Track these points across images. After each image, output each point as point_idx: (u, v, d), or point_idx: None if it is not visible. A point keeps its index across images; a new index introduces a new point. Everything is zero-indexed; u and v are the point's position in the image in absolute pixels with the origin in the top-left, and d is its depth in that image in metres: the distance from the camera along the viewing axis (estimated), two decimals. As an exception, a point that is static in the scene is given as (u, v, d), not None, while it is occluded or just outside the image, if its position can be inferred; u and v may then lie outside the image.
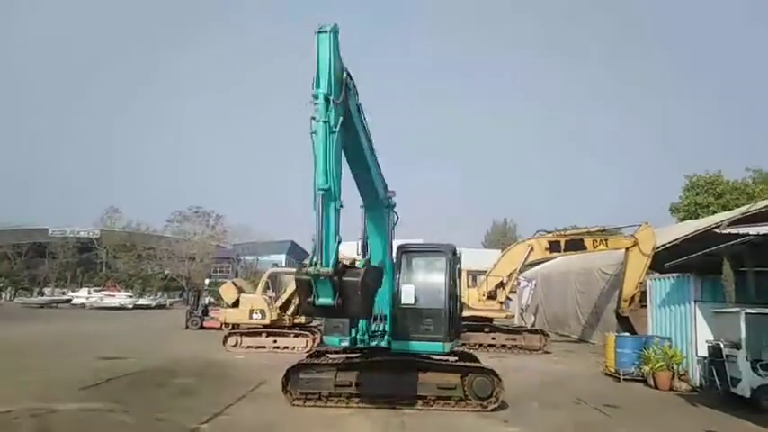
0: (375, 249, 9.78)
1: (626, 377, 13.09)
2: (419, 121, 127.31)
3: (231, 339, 18.37)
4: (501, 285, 19.44)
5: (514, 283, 20.95)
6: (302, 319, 19.10)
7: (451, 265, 9.78)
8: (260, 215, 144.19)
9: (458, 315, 10.30)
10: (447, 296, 9.56)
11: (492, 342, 19.18)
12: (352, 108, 7.76)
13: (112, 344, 18.97)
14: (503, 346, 19.04)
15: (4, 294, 60.27)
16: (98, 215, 70.04)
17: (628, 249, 19.03)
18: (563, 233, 20.66)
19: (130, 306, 47.37)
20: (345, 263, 7.36)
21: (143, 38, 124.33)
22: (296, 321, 19.23)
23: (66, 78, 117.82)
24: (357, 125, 8.06)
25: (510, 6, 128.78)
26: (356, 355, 10.01)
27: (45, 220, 67.28)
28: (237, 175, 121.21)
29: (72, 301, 49.55)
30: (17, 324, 26.84)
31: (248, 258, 66.89)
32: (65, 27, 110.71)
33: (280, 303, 19.14)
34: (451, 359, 10.07)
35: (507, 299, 20.39)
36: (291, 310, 19.06)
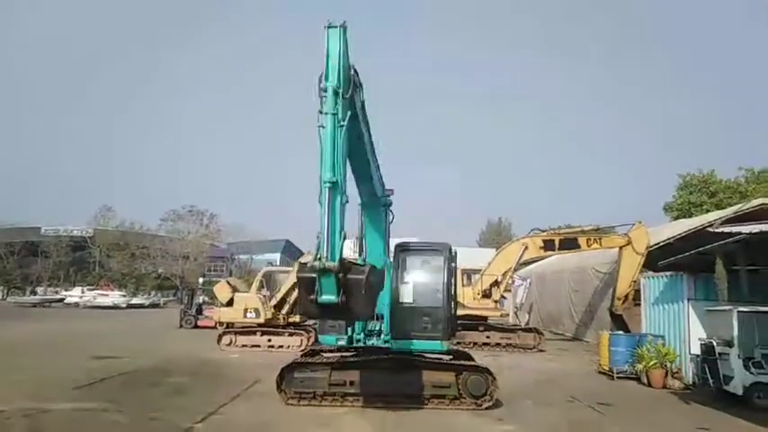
0: (372, 248, 9.76)
1: (620, 375, 13.15)
2: (419, 121, 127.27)
3: (225, 338, 18.33)
4: (495, 284, 19.52)
5: (509, 282, 21.03)
6: (297, 318, 19.08)
7: (449, 263, 9.77)
8: (254, 214, 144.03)
9: (454, 314, 10.30)
10: (445, 295, 9.56)
11: (486, 341, 19.23)
12: (358, 104, 7.80)
13: (106, 343, 18.87)
14: (497, 345, 19.10)
15: (-4, 293, 59.96)
16: (91, 214, 69.93)
17: (621, 248, 19.18)
18: (557, 232, 20.82)
19: (124, 305, 47.21)
20: (351, 260, 7.27)
21: (143, 38, 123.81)
22: (290, 320, 19.21)
23: (65, 78, 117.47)
24: (362, 121, 8.11)
25: (510, 6, 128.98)
26: (351, 354, 9.99)
27: (38, 219, 67.23)
28: (232, 173, 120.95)
29: (65, 301, 49.23)
30: (10, 323, 26.60)
31: (242, 257, 66.83)
32: (64, 27, 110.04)
33: (274, 302, 19.12)
34: (446, 358, 10.06)
35: (502, 297, 20.43)
36: (286, 308, 19.06)
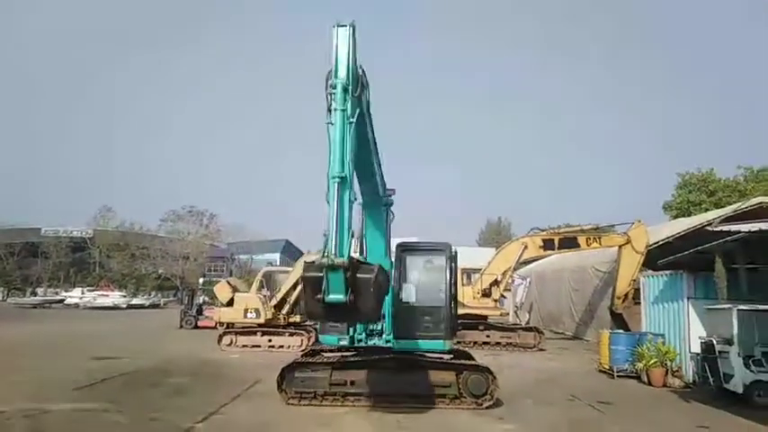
0: (373, 248, 9.77)
1: (620, 374, 13.15)
2: (419, 121, 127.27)
3: (226, 338, 18.33)
4: (495, 283, 19.54)
5: (509, 281, 21.05)
6: (297, 318, 19.08)
7: (451, 263, 9.77)
8: (254, 214, 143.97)
9: (455, 313, 10.31)
10: (447, 294, 9.56)
11: (487, 340, 19.23)
12: (365, 103, 7.86)
13: (106, 344, 18.88)
14: (497, 344, 19.10)
15: (-4, 295, 59.93)
16: (91, 214, 69.88)
17: (621, 247, 19.20)
18: (557, 231, 20.84)
19: (124, 306, 47.21)
20: (359, 259, 7.23)
21: (143, 38, 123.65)
22: (291, 320, 19.21)
23: (65, 78, 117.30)
24: (368, 120, 8.18)
25: (510, 6, 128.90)
26: (351, 353, 9.99)
27: (38, 220, 67.13)
28: (232, 173, 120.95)
29: (65, 302, 49.25)
30: (10, 324, 26.61)
31: (242, 257, 66.81)
32: (64, 27, 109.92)
33: (274, 302, 19.12)
34: (446, 357, 10.05)
35: (502, 297, 20.46)
36: (286, 309, 19.06)
